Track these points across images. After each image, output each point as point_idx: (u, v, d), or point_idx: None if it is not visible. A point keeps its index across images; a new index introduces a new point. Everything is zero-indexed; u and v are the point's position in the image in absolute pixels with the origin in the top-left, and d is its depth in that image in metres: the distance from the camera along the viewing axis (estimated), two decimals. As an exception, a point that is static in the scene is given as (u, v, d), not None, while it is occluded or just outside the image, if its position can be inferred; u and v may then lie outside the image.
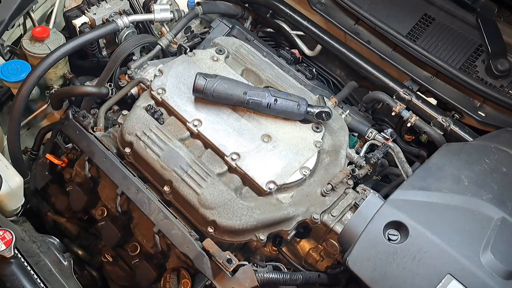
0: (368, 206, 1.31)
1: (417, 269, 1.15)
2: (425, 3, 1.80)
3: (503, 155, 1.38)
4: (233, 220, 1.29)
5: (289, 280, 1.30)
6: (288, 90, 1.56)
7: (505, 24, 1.72)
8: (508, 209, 1.23)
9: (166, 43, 1.78)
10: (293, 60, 1.85)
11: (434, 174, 1.32)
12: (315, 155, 1.42)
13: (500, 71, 1.63)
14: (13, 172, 1.47)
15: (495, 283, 1.11)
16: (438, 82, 1.72)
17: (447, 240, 1.17)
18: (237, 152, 1.40)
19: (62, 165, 1.61)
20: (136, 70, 1.69)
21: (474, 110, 1.64)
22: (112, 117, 1.65)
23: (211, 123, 1.46)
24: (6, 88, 1.85)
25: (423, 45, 1.72)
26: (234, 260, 1.20)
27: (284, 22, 2.01)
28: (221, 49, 1.65)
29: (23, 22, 1.93)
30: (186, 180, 1.35)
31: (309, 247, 1.46)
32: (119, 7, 1.92)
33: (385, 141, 1.56)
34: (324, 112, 1.45)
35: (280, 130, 1.47)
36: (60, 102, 1.82)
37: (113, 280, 1.55)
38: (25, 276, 1.23)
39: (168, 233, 1.30)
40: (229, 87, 1.43)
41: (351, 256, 1.20)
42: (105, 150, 1.45)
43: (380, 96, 1.68)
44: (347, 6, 1.78)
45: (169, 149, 1.40)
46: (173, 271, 1.35)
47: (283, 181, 1.36)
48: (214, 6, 1.95)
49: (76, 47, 1.68)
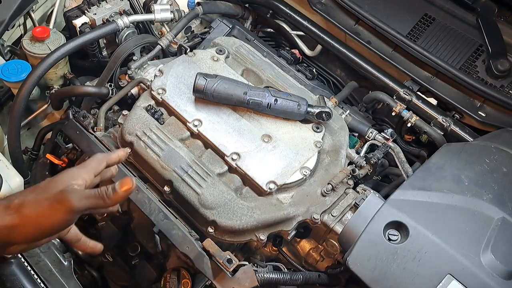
0: (368, 206, 1.31)
1: (417, 269, 1.15)
2: (425, 3, 1.80)
3: (504, 155, 1.38)
4: (233, 220, 1.30)
5: (289, 280, 1.30)
6: (288, 90, 1.57)
7: (505, 24, 1.71)
8: (508, 209, 1.23)
9: (166, 43, 1.78)
10: (293, 60, 1.85)
11: (434, 174, 1.32)
12: (315, 155, 1.42)
13: (500, 71, 1.63)
14: (13, 172, 1.47)
15: (495, 283, 1.11)
16: (438, 82, 1.72)
17: (447, 240, 1.17)
18: (237, 152, 1.40)
19: (62, 165, 1.61)
20: (137, 70, 1.69)
21: (474, 110, 1.64)
22: (112, 117, 1.65)
23: (211, 123, 1.46)
24: (6, 88, 1.85)
25: (423, 45, 1.72)
26: (234, 260, 1.20)
27: (284, 22, 2.01)
28: (221, 49, 1.66)
29: (24, 22, 1.93)
30: (186, 180, 1.35)
31: (309, 247, 1.46)
32: (119, 7, 1.92)
33: (385, 141, 1.56)
34: (325, 112, 1.45)
35: (280, 130, 1.47)
36: (60, 102, 1.82)
37: (113, 280, 1.55)
38: (25, 276, 1.23)
39: (168, 233, 1.30)
40: (229, 87, 1.43)
41: (351, 256, 1.20)
42: (106, 150, 1.45)
43: (380, 96, 1.68)
44: (347, 6, 1.78)
45: (169, 149, 1.40)
46: (173, 271, 1.35)
47: (283, 181, 1.36)
48: (214, 6, 1.95)
49: (77, 47, 1.68)
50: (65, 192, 0.93)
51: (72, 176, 0.98)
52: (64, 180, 0.96)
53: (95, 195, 0.94)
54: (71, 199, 0.91)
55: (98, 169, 1.04)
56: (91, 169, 1.02)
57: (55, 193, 0.93)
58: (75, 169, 1.01)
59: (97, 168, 1.03)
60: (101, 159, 1.06)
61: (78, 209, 0.92)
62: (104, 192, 0.95)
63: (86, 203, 0.93)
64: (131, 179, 0.96)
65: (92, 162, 1.04)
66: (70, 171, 1.00)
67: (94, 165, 1.03)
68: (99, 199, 0.94)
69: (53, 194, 0.93)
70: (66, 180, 0.96)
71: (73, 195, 0.92)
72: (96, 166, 1.03)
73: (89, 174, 1.01)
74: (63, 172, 1.00)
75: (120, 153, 1.11)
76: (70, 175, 0.98)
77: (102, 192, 0.94)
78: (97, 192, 0.94)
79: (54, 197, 0.93)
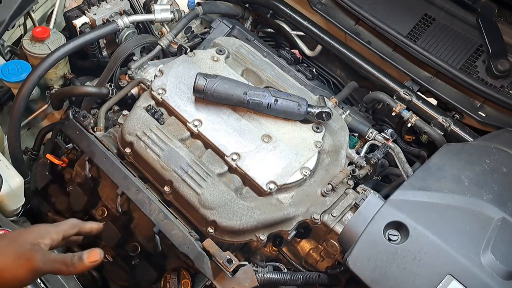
0: (369, 206, 1.31)
1: (418, 270, 1.15)
2: (425, 3, 1.80)
3: (504, 155, 1.38)
4: (233, 220, 1.30)
5: (289, 280, 1.30)
6: (288, 90, 1.56)
7: (505, 24, 1.71)
8: (508, 209, 1.23)
9: (166, 43, 1.78)
10: (293, 60, 1.85)
11: (434, 174, 1.32)
12: (315, 155, 1.42)
13: (500, 71, 1.63)
14: (13, 172, 1.47)
15: (496, 283, 1.11)
16: (439, 82, 1.72)
17: (448, 240, 1.17)
18: (237, 152, 1.40)
19: (62, 165, 1.60)
20: (137, 70, 1.69)
21: (474, 110, 1.64)
22: (112, 117, 1.65)
23: (211, 123, 1.46)
24: (6, 88, 1.85)
25: (424, 45, 1.72)
26: (234, 260, 1.20)
27: (285, 22, 2.01)
28: (222, 49, 1.66)
29: (24, 22, 1.93)
30: (187, 180, 1.35)
31: (309, 247, 1.46)
32: (120, 7, 1.92)
33: (385, 141, 1.56)
34: (325, 112, 1.45)
35: (281, 130, 1.47)
36: (60, 102, 1.82)
37: (113, 280, 1.55)
38: (25, 276, 1.23)
39: (168, 233, 1.30)
40: (229, 87, 1.43)
41: (351, 256, 1.20)
42: (106, 150, 1.45)
43: (381, 96, 1.68)
44: (347, 6, 1.78)
45: (169, 149, 1.40)
46: (173, 271, 1.35)
47: (283, 181, 1.36)
48: (215, 6, 1.95)
49: (77, 47, 1.68)
50: (33, 251, 0.96)
51: (40, 234, 1.01)
52: (34, 236, 0.99)
53: (61, 261, 0.98)
54: (36, 259, 0.95)
55: (68, 233, 1.08)
56: (61, 231, 1.06)
57: (23, 249, 0.96)
58: (47, 226, 1.05)
59: (67, 231, 1.08)
60: (74, 225, 1.10)
61: (41, 270, 0.95)
62: (70, 259, 0.98)
63: (50, 266, 0.96)
64: (99, 251, 1.02)
65: (65, 225, 1.08)
66: (43, 227, 1.04)
67: (65, 228, 1.07)
68: (63, 265, 0.98)
69: (21, 249, 0.96)
70: (36, 236, 1.00)
71: (39, 255, 0.96)
72: (67, 229, 1.08)
73: (58, 235, 1.04)
74: (35, 227, 1.04)
75: (94, 226, 1.15)
76: (39, 232, 1.02)
77: (67, 259, 0.98)
78: (63, 258, 0.98)
79: (21, 253, 0.95)
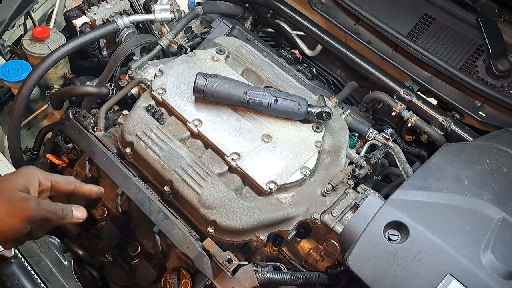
0: (369, 206, 1.30)
1: (418, 269, 1.15)
2: (425, 3, 1.80)
3: (504, 155, 1.38)
4: (234, 220, 1.29)
5: (289, 280, 1.30)
6: (288, 90, 1.56)
7: (505, 24, 1.71)
8: (508, 209, 1.23)
9: (166, 43, 1.78)
10: (293, 60, 1.85)
11: (434, 174, 1.32)
12: (315, 155, 1.42)
13: (500, 71, 1.63)
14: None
15: (496, 283, 1.11)
16: (439, 82, 1.72)
17: (448, 240, 1.17)
18: (237, 152, 1.40)
19: (62, 165, 1.60)
20: (137, 70, 1.69)
21: (474, 110, 1.64)
22: (112, 117, 1.65)
23: (211, 123, 1.46)
24: (6, 88, 1.85)
25: (424, 45, 1.72)
26: (234, 260, 1.20)
27: (285, 22, 2.01)
28: (222, 49, 1.65)
29: (24, 22, 1.93)
30: (187, 180, 1.35)
31: (310, 247, 1.46)
32: (120, 7, 1.92)
33: (385, 141, 1.56)
34: (325, 112, 1.45)
35: (281, 130, 1.47)
36: (60, 102, 1.82)
37: (113, 280, 1.55)
38: (26, 276, 1.24)
39: (168, 233, 1.30)
40: (229, 87, 1.43)
41: (352, 256, 1.20)
42: (106, 150, 1.45)
43: (381, 96, 1.68)
44: (347, 6, 1.78)
45: (169, 149, 1.40)
46: (173, 271, 1.35)
47: (283, 181, 1.36)
48: (215, 6, 1.95)
49: (77, 47, 1.68)
50: (25, 200, 0.98)
51: (28, 179, 1.03)
52: (22, 181, 1.01)
53: (52, 211, 1.03)
54: (30, 209, 0.97)
55: (60, 185, 1.10)
56: (49, 177, 1.07)
57: (15, 198, 0.98)
58: (34, 170, 1.07)
59: (58, 183, 1.09)
60: (69, 181, 1.12)
61: (34, 219, 0.98)
62: (61, 210, 1.05)
63: (43, 214, 1.00)
64: (83, 209, 1.09)
65: (58, 177, 1.10)
66: (30, 170, 1.06)
67: (56, 178, 1.09)
68: (53, 215, 1.03)
69: (12, 198, 0.98)
70: (24, 182, 1.02)
71: (33, 204, 0.98)
72: (58, 180, 1.09)
73: (46, 180, 1.06)
74: (22, 170, 1.06)
75: (94, 188, 1.17)
76: (28, 177, 1.03)
77: (59, 209, 1.05)
78: (54, 208, 1.03)
79: (14, 203, 0.97)
